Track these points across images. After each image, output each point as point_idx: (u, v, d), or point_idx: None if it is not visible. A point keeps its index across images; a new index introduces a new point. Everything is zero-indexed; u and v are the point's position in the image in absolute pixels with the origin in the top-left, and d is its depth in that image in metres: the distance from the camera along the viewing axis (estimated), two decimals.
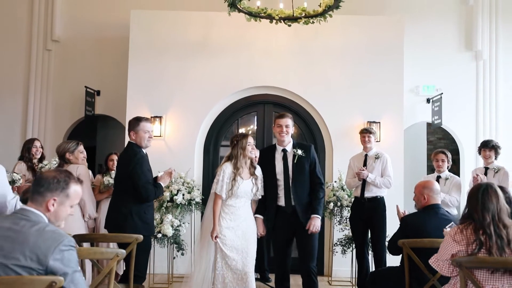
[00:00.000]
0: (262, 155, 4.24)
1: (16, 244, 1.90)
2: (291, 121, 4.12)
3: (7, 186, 2.71)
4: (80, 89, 7.10)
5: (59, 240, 1.92)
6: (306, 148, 4.08)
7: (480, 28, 7.34)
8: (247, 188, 3.96)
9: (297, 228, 3.98)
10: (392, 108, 6.47)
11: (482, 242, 2.50)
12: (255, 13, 5.32)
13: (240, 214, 3.96)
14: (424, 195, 3.48)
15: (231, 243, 3.89)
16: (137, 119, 4.05)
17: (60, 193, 2.07)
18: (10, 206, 2.65)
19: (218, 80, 6.41)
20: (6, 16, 7.37)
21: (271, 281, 5.66)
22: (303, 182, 4.01)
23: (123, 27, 6.91)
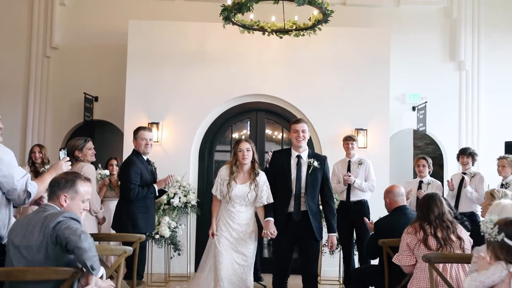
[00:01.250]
0: (276, 158, 4.14)
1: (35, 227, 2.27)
2: (307, 126, 4.07)
3: (14, 167, 2.77)
4: (78, 95, 7.33)
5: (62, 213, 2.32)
6: (321, 160, 4.02)
7: (463, 40, 7.71)
8: (241, 193, 3.95)
9: (302, 235, 3.92)
10: (379, 115, 6.79)
11: (426, 229, 3.13)
12: (248, 26, 5.61)
13: (237, 220, 3.96)
14: (387, 199, 3.89)
15: (226, 243, 3.93)
16: (137, 128, 4.62)
17: (69, 190, 2.45)
18: (20, 184, 2.73)
19: (213, 88, 6.69)
20: (6, 24, 7.58)
21: (263, 280, 5.93)
22: (314, 193, 3.96)
23: (120, 35, 7.15)
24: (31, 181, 2.79)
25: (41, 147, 5.43)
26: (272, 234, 3.87)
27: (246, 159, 4.00)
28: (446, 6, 7.82)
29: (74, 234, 2.20)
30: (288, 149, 4.11)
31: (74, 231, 2.22)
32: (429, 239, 3.12)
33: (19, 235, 2.30)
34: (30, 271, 2.14)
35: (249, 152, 4.02)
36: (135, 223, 4.33)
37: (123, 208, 4.41)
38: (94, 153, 4.87)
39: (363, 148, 6.60)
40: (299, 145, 3.98)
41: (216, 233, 3.97)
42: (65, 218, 2.28)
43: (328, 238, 4.00)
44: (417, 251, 3.13)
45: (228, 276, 3.89)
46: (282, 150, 4.46)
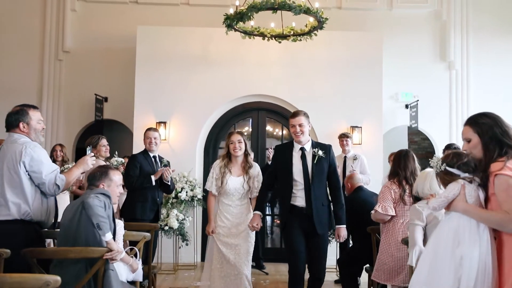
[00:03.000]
0: (278, 152, 4.01)
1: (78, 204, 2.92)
2: (305, 118, 3.84)
3: (43, 164, 3.10)
4: (89, 96, 7.78)
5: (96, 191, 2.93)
6: (326, 149, 3.86)
7: (452, 41, 8.14)
8: (236, 185, 3.98)
9: (311, 230, 3.77)
10: (372, 114, 7.22)
11: (404, 185, 3.71)
12: (249, 32, 6.03)
13: (234, 212, 4.00)
14: (349, 183, 4.82)
15: (224, 239, 3.98)
16: (146, 129, 5.18)
17: (105, 179, 3.00)
18: (48, 179, 3.07)
19: (216, 89, 7.12)
20: (21, 29, 8.02)
21: (265, 268, 6.40)
22: (321, 184, 3.81)
23: (128, 39, 7.59)
24: (60, 175, 3.18)
25: (62, 146, 5.89)
26: (255, 227, 3.80)
27: (238, 151, 3.99)
28: (436, 9, 8.24)
29: (89, 194, 2.77)
30: (291, 143, 3.95)
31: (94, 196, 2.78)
32: (406, 195, 3.68)
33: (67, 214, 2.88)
34: (72, 251, 2.60)
35: (241, 144, 4.01)
36: (132, 210, 4.86)
37: (126, 197, 5.03)
38: (108, 149, 5.34)
39: (358, 145, 7.04)
40: (298, 140, 3.82)
41: (215, 231, 4.00)
42: (95, 198, 2.82)
43: (336, 230, 3.86)
44: (396, 205, 3.72)
45: (225, 269, 3.93)
46: (284, 144, 4.36)
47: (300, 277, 3.72)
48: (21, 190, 3.07)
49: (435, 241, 2.43)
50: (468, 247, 2.26)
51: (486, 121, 2.43)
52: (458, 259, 2.27)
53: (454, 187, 2.38)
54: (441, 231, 2.42)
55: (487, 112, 2.50)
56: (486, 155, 2.40)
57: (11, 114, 3.25)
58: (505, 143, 2.39)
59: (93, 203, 2.72)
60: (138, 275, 3.17)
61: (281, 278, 5.99)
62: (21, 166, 3.05)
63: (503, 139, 2.38)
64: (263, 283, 5.87)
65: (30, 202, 3.08)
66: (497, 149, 2.37)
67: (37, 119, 3.27)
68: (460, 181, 2.39)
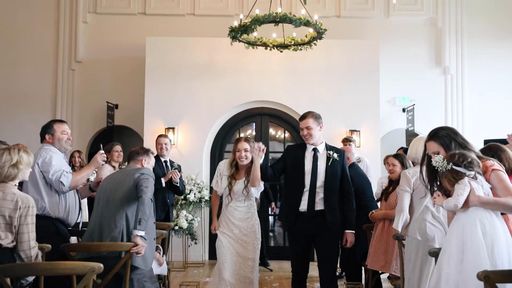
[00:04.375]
0: (289, 153, 3.90)
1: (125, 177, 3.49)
2: (313, 120, 3.76)
3: (51, 164, 3.51)
4: (100, 103, 8.18)
5: (143, 169, 3.51)
6: (341, 153, 3.80)
7: (447, 47, 8.49)
8: (237, 187, 3.92)
9: (318, 233, 3.68)
10: (370, 118, 7.58)
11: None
12: (252, 42, 6.42)
13: (238, 215, 3.93)
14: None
15: (228, 239, 3.91)
16: (157, 136, 5.73)
17: (145, 156, 3.62)
18: (54, 178, 3.49)
19: (221, 96, 7.51)
20: (36, 41, 8.44)
21: (269, 265, 6.78)
22: (334, 187, 3.70)
23: (137, 49, 8.00)
24: (66, 173, 3.56)
25: (80, 152, 6.30)
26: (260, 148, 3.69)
27: (243, 160, 3.90)
28: (431, 17, 8.60)
29: (147, 189, 3.20)
30: (304, 144, 3.84)
31: (149, 187, 3.24)
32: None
33: (108, 188, 3.42)
34: (103, 245, 2.99)
35: (247, 153, 3.89)
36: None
37: None
38: (121, 155, 5.74)
39: (356, 147, 7.39)
40: (308, 143, 3.74)
41: (218, 229, 3.96)
42: (146, 173, 3.40)
43: (344, 235, 3.77)
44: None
45: (232, 272, 3.83)
46: (297, 145, 4.26)
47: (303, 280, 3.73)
48: (38, 187, 3.50)
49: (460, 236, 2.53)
50: (495, 234, 2.46)
51: (445, 133, 2.84)
52: (490, 247, 2.42)
53: (465, 184, 2.56)
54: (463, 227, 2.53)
55: (443, 126, 2.91)
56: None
57: (42, 128, 3.75)
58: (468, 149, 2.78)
59: (147, 199, 3.15)
60: (163, 269, 3.60)
61: (284, 275, 6.36)
62: (36, 166, 3.50)
63: (466, 147, 2.79)
64: (268, 278, 6.25)
65: (45, 199, 3.49)
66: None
67: (60, 131, 3.70)
68: (467, 179, 2.58)
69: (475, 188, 2.58)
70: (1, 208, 2.70)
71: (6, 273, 2.27)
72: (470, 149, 2.80)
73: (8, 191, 2.77)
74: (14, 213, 2.71)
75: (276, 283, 6.01)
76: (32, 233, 2.77)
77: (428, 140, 2.87)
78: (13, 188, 2.82)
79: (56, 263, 2.31)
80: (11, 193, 2.77)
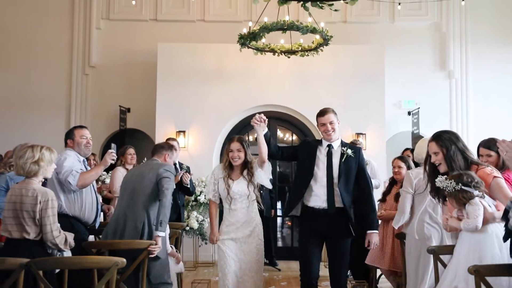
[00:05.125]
0: (302, 147, 3.80)
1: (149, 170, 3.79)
2: (334, 115, 3.66)
3: (63, 165, 3.72)
4: (113, 107, 8.44)
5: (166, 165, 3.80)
6: (356, 149, 3.66)
7: (452, 51, 8.65)
8: (235, 188, 3.75)
9: (330, 233, 3.54)
10: (376, 121, 7.76)
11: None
12: (261, 48, 6.62)
13: (239, 218, 3.76)
14: None
15: (230, 243, 3.76)
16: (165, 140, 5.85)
17: (169, 151, 3.91)
18: (63, 177, 3.71)
19: (231, 100, 7.73)
20: (50, 46, 8.71)
21: (278, 265, 6.98)
22: (347, 184, 3.55)
23: (148, 54, 8.25)
24: (74, 173, 3.76)
25: (94, 155, 6.54)
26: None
27: (236, 160, 3.76)
28: (436, 22, 8.76)
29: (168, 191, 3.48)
30: (318, 140, 3.76)
31: (169, 189, 3.51)
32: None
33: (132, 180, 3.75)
34: (122, 243, 3.23)
35: (240, 153, 3.76)
36: None
37: None
38: (134, 158, 5.96)
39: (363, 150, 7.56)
40: (329, 138, 3.61)
41: (220, 240, 3.79)
42: (169, 171, 3.68)
43: (366, 236, 3.56)
44: None
45: (236, 276, 3.70)
46: (311, 140, 4.13)
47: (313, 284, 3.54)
48: (54, 186, 3.75)
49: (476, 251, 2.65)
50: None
51: (448, 137, 3.01)
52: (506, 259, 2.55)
53: (478, 204, 2.69)
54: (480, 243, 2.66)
55: (447, 130, 3.09)
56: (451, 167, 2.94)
57: (65, 134, 4.03)
58: (468, 155, 2.96)
59: (168, 202, 3.43)
60: (181, 266, 3.83)
61: (292, 274, 6.56)
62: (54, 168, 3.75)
63: (465, 153, 2.96)
64: (276, 277, 6.45)
65: (61, 198, 3.74)
66: (463, 161, 2.92)
67: (80, 135, 3.94)
68: (477, 198, 2.71)
69: (486, 206, 2.74)
70: (25, 204, 2.92)
71: (39, 266, 2.51)
72: (469, 155, 2.97)
73: (30, 187, 3.00)
74: (35, 208, 2.93)
75: (284, 282, 6.21)
76: (54, 224, 2.98)
77: (430, 140, 3.04)
78: (34, 184, 3.03)
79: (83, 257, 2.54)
80: (32, 189, 2.99)
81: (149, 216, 3.57)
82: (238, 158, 3.77)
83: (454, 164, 2.90)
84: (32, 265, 2.45)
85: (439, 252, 3.07)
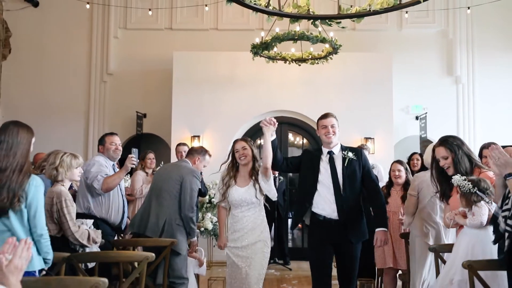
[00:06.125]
0: (305, 157, 3.73)
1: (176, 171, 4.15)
2: (335, 120, 3.62)
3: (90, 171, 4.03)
4: (130, 112, 8.78)
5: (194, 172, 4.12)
6: (357, 151, 3.60)
7: (459, 57, 8.87)
8: (243, 195, 3.65)
9: (340, 242, 3.45)
10: (384, 126, 8.00)
11: None
12: (272, 57, 6.91)
13: (245, 224, 3.67)
14: None
15: (237, 252, 3.71)
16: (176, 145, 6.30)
17: (201, 156, 4.20)
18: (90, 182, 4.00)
19: (243, 106, 8.03)
20: (70, 55, 9.09)
21: (290, 264, 7.26)
22: (353, 188, 3.48)
23: (164, 62, 8.58)
24: (99, 178, 4.04)
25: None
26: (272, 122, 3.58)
27: (243, 159, 3.67)
28: (443, 29, 8.98)
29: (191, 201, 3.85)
30: (319, 148, 3.71)
31: (192, 199, 3.86)
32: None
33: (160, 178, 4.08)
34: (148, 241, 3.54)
35: (246, 151, 3.70)
36: None
37: None
38: (153, 162, 6.27)
39: (371, 154, 7.81)
40: (329, 141, 3.55)
41: (227, 246, 3.77)
42: (194, 177, 4.02)
43: (375, 234, 3.52)
44: None
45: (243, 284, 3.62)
46: (313, 149, 4.11)
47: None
48: (83, 190, 4.08)
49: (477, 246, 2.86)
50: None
51: (456, 142, 3.24)
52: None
53: (485, 206, 2.91)
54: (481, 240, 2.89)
55: (452, 135, 3.31)
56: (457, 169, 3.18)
57: (98, 140, 4.39)
58: (473, 159, 3.20)
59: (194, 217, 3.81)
60: (202, 269, 4.12)
61: (303, 274, 6.82)
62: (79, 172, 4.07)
63: (471, 156, 3.20)
64: (287, 276, 6.72)
65: (90, 200, 4.06)
66: (469, 164, 3.16)
67: (109, 142, 4.26)
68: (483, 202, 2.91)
69: (491, 210, 2.95)
70: (46, 204, 3.19)
71: (79, 259, 2.82)
72: (474, 158, 3.20)
73: (51, 189, 3.32)
74: (52, 208, 3.26)
75: (295, 281, 6.48)
76: (71, 221, 3.27)
77: (438, 145, 3.23)
78: (55, 187, 3.33)
79: (119, 252, 2.86)
80: (50, 191, 3.32)
81: (171, 215, 3.89)
82: (245, 156, 3.67)
83: (460, 167, 3.08)
84: (73, 259, 2.76)
85: (439, 250, 3.27)
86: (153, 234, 3.85)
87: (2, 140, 2.53)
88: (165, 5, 9.02)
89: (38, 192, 2.52)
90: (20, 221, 2.46)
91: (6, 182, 2.43)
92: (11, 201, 2.41)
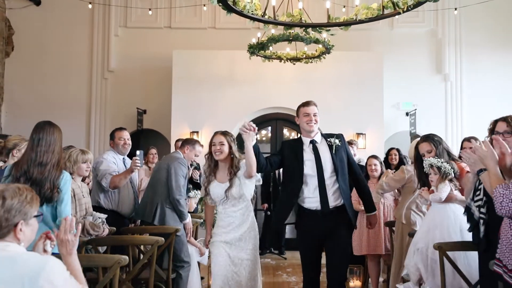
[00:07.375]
0: (285, 148, 3.58)
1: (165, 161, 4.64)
2: (317, 108, 3.61)
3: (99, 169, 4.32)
4: (131, 109, 9.07)
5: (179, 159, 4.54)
6: (340, 137, 3.54)
7: (447, 55, 9.22)
8: (219, 191, 3.48)
9: (329, 232, 3.35)
10: (375, 122, 8.35)
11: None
12: (268, 56, 7.23)
13: (230, 220, 3.49)
14: None
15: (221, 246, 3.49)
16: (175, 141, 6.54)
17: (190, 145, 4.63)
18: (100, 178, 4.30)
19: (240, 103, 8.35)
20: (72, 53, 9.35)
21: (285, 254, 7.63)
22: (345, 175, 3.44)
23: (164, 60, 8.86)
24: (107, 176, 4.30)
25: None
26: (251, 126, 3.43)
27: (218, 154, 3.50)
28: (432, 28, 9.33)
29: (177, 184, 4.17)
30: (299, 138, 3.63)
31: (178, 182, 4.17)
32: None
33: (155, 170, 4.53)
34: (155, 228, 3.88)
35: (223, 146, 3.52)
36: None
37: None
38: (156, 157, 6.60)
39: (362, 149, 8.16)
40: (311, 129, 3.48)
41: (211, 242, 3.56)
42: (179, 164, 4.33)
43: (367, 219, 3.62)
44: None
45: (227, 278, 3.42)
46: (292, 140, 4.07)
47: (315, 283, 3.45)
48: (96, 186, 4.39)
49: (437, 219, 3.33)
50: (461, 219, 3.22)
51: (437, 138, 3.65)
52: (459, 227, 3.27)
53: (447, 185, 3.35)
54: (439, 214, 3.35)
55: (433, 133, 3.72)
56: None
57: (109, 135, 4.67)
58: (450, 153, 3.61)
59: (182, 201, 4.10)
60: (204, 259, 4.44)
61: (297, 262, 7.17)
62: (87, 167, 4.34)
63: (448, 151, 3.61)
64: (282, 265, 7.11)
65: (100, 195, 4.36)
66: (447, 157, 3.58)
67: (118, 137, 4.56)
68: (447, 181, 3.37)
69: (453, 188, 3.43)
70: None
71: (98, 242, 3.16)
72: (451, 152, 3.63)
73: None
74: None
75: (290, 268, 6.86)
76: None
77: (422, 141, 3.70)
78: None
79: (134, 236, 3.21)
80: None
81: (162, 201, 4.27)
82: (220, 152, 3.50)
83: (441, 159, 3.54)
84: (93, 243, 3.10)
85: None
86: (148, 219, 4.23)
87: (41, 138, 2.89)
88: (164, 4, 9.30)
89: (67, 185, 2.88)
90: (52, 210, 2.80)
91: (48, 176, 2.80)
92: (52, 191, 2.77)
